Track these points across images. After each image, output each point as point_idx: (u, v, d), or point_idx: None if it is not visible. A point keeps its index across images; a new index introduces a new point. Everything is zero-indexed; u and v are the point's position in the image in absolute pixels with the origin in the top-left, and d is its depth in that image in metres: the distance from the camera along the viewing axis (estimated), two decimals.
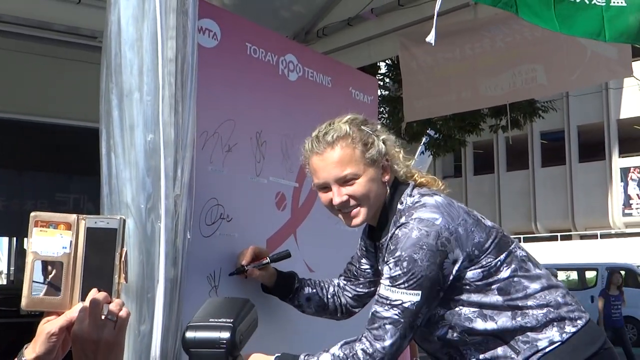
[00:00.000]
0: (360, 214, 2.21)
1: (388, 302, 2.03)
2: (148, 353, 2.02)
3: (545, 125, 27.09)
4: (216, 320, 1.67)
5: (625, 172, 29.64)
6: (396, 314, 2.02)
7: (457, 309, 2.09)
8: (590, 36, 3.00)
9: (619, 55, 4.72)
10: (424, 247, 2.01)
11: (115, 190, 2.04)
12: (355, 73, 3.57)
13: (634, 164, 29.49)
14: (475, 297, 2.08)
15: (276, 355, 2.17)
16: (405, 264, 2.01)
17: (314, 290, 2.54)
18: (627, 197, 29.56)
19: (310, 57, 3.09)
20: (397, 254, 2.04)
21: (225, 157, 2.58)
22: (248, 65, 2.74)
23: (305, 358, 2.11)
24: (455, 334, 2.11)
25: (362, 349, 2.03)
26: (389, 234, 2.13)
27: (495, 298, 2.08)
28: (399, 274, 2.02)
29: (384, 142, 2.23)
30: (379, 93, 13.84)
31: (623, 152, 29.89)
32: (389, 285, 2.04)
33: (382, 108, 14.25)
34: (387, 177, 2.22)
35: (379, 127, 2.29)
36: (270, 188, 2.81)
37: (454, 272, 2.05)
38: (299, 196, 2.93)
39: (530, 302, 2.09)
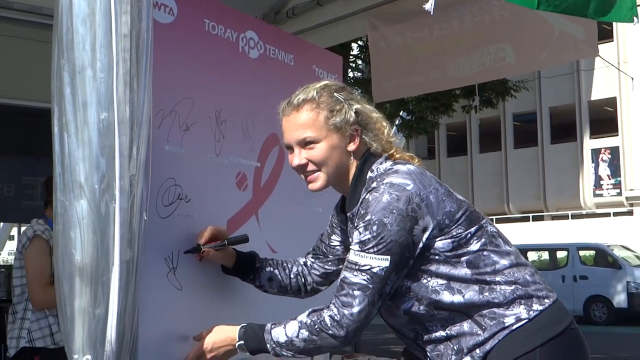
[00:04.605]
0: (319, 179, 2.21)
1: (357, 267, 2.01)
2: (103, 337, 1.98)
3: (517, 106, 27.32)
4: None
5: (596, 153, 29.96)
6: (365, 280, 2.00)
7: (424, 280, 2.07)
8: (574, 12, 3.00)
9: (586, 35, 4.73)
10: (394, 211, 2.00)
11: (68, 169, 1.99)
12: (318, 51, 3.51)
13: (604, 145, 29.81)
14: (443, 269, 2.07)
15: (242, 325, 2.17)
16: (375, 227, 2.00)
17: (276, 271, 2.51)
18: (598, 178, 29.90)
19: (271, 34, 3.03)
20: (367, 217, 2.02)
21: (184, 136, 2.53)
22: (207, 42, 2.68)
23: (272, 326, 2.11)
24: (421, 307, 2.09)
25: (330, 316, 2.02)
26: (360, 201, 2.11)
27: (464, 271, 2.06)
28: (368, 238, 2.01)
29: (357, 112, 2.19)
30: (350, 75, 13.82)
31: (594, 134, 30.19)
32: (358, 251, 2.02)
33: (354, 90, 14.23)
34: (353, 147, 2.20)
35: (356, 96, 2.26)
36: (231, 168, 2.76)
37: (423, 239, 2.03)
38: (260, 176, 2.89)
39: (498, 278, 2.08)
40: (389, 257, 1.99)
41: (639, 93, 27.45)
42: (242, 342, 2.16)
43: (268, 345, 2.11)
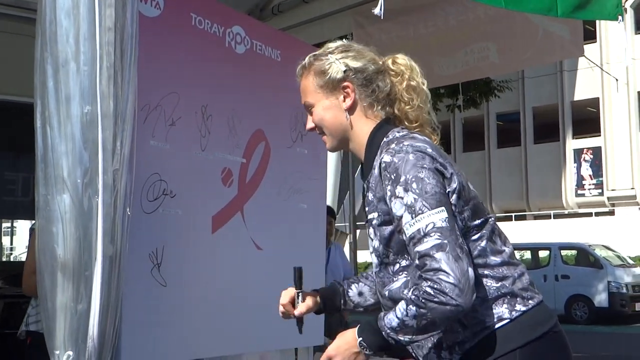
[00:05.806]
0: (327, 141, 2.24)
1: (421, 235, 1.93)
2: (85, 333, 1.96)
3: (501, 106, 27.41)
4: None
5: (578, 153, 30.15)
6: (437, 239, 1.91)
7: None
8: (540, 12, 2.99)
9: (571, 35, 4.74)
10: (425, 166, 1.97)
11: (50, 164, 1.97)
12: (304, 47, 3.48)
13: (587, 145, 30.02)
14: None
15: (358, 326, 2.08)
16: (414, 185, 1.95)
17: (360, 283, 2.42)
18: (580, 178, 30.09)
19: (258, 29, 3.02)
20: (402, 179, 1.97)
21: (169, 131, 2.51)
22: (193, 36, 2.67)
23: (384, 314, 2.01)
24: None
25: (429, 285, 1.90)
26: (378, 162, 2.07)
27: None
28: (414, 199, 1.95)
29: (346, 70, 2.16)
30: None
31: (576, 134, 30.39)
32: (411, 220, 1.95)
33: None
34: (347, 104, 2.17)
35: (356, 53, 2.19)
36: (216, 163, 2.75)
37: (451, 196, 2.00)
38: (246, 172, 2.87)
39: (487, 272, 2.06)
40: (443, 208, 1.94)
41: (622, 94, 27.68)
42: (361, 338, 2.04)
43: (384, 333, 1.99)
